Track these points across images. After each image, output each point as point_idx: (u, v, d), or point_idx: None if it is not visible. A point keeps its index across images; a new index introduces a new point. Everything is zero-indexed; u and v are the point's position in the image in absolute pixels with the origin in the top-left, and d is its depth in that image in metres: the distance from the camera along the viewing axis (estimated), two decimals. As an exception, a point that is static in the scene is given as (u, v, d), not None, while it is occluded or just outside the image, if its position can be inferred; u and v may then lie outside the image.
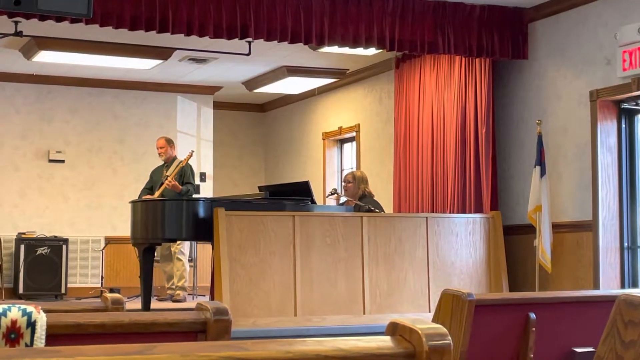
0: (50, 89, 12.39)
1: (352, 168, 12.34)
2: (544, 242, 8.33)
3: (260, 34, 8.08)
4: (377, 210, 8.69)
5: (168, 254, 10.25)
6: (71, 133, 12.48)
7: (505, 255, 8.74)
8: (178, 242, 9.91)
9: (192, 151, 10.75)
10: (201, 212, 8.12)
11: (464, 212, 9.31)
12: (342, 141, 13.09)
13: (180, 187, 9.71)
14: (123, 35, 9.31)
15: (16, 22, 8.61)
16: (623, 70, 7.89)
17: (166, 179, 9.73)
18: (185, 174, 9.93)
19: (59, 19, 7.39)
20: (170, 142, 10.47)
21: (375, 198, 9.13)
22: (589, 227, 8.24)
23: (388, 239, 8.34)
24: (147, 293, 8.57)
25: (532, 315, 3.21)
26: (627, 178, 8.30)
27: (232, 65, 11.62)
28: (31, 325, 2.13)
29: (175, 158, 10.27)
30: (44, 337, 2.14)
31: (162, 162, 10.37)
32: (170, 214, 8.22)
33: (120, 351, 1.44)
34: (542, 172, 8.41)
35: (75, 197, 12.40)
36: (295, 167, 13.79)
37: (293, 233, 7.99)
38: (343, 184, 9.44)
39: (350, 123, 12.45)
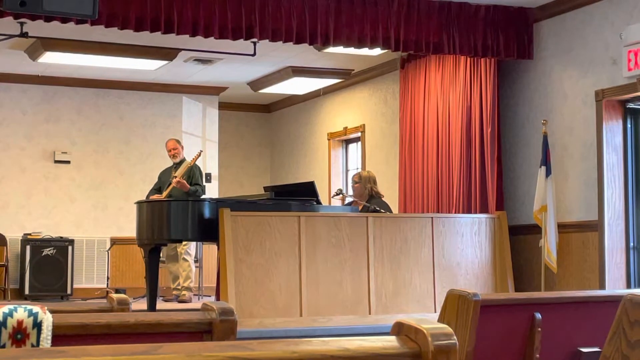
0: (55, 90, 12.41)
1: (357, 168, 12.34)
2: (549, 242, 8.32)
3: (266, 34, 8.09)
4: (383, 211, 8.68)
5: (174, 254, 10.26)
6: (77, 134, 12.50)
7: (510, 256, 8.74)
8: (184, 242, 9.92)
9: (201, 151, 10.77)
10: (207, 213, 8.13)
11: (469, 212, 9.31)
12: (348, 141, 13.09)
13: (189, 186, 9.72)
14: (128, 36, 9.33)
15: (22, 23, 8.62)
16: (628, 70, 7.88)
17: (174, 179, 9.73)
18: (194, 175, 9.94)
19: (64, 20, 7.40)
20: (180, 143, 10.50)
21: (383, 198, 9.13)
22: (595, 227, 8.22)
23: (393, 239, 8.34)
24: (152, 293, 8.58)
25: (538, 316, 3.20)
26: (633, 178, 8.29)
27: (238, 65, 11.63)
28: (37, 325, 2.13)
29: (184, 159, 10.28)
30: (50, 337, 2.15)
31: (172, 164, 10.37)
32: (175, 215, 8.23)
33: (126, 351, 1.44)
34: (548, 172, 8.40)
35: (81, 197, 12.42)
36: (301, 167, 13.80)
37: (298, 233, 7.99)
38: (351, 184, 9.44)
39: (355, 123, 12.45)
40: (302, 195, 8.72)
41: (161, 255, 9.54)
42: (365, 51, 9.84)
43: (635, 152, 8.30)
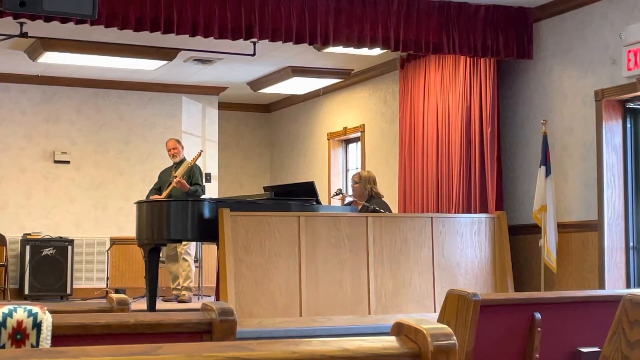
0: (55, 90, 12.41)
1: (357, 168, 12.34)
2: (549, 242, 8.32)
3: (265, 34, 8.09)
4: (382, 211, 8.68)
5: (174, 254, 10.26)
6: (77, 134, 12.50)
7: (510, 255, 8.74)
8: (184, 242, 9.91)
9: (201, 151, 10.76)
10: (206, 213, 8.13)
11: (469, 212, 9.31)
12: (347, 141, 13.09)
13: (189, 186, 9.72)
14: (128, 36, 9.33)
15: (21, 24, 8.62)
16: (628, 70, 7.88)
17: (174, 178, 9.73)
18: (194, 175, 9.94)
19: (64, 20, 7.40)
20: (180, 143, 10.50)
21: (383, 198, 9.13)
22: (595, 227, 8.22)
23: (393, 239, 8.34)
24: (152, 294, 8.58)
25: (538, 315, 3.20)
26: (633, 178, 8.29)
27: (237, 65, 11.63)
28: (37, 326, 2.13)
29: (184, 159, 10.28)
30: (49, 337, 2.15)
31: (172, 163, 10.36)
32: (175, 215, 8.23)
33: (125, 352, 1.44)
34: (548, 172, 8.40)
35: (80, 197, 12.42)
36: (301, 167, 13.80)
37: (298, 233, 7.99)
38: (351, 184, 9.44)
39: (355, 123, 12.45)
40: (302, 195, 8.72)
41: (161, 255, 9.53)
42: (364, 51, 9.84)
43: (635, 152, 8.30)
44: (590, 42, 8.42)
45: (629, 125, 8.30)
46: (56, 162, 12.35)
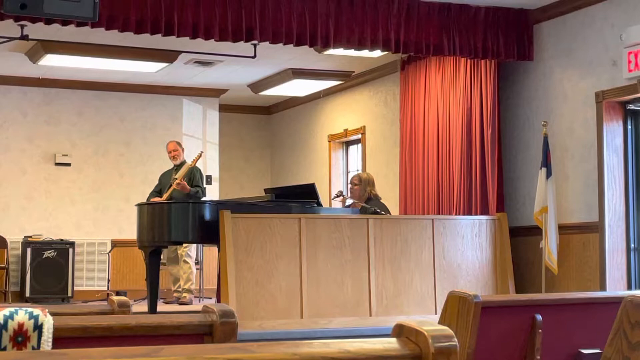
0: (56, 92, 12.41)
1: (357, 170, 12.33)
2: (550, 244, 8.32)
3: (266, 36, 8.09)
4: (383, 213, 8.69)
5: (175, 256, 10.26)
6: (77, 136, 12.50)
7: (511, 257, 8.74)
8: (185, 244, 9.91)
9: (201, 152, 10.75)
10: (207, 215, 8.13)
11: (469, 213, 9.31)
12: (348, 143, 13.09)
13: (189, 187, 9.72)
14: (129, 39, 9.33)
15: (22, 26, 8.62)
16: (629, 72, 7.88)
17: (175, 181, 9.73)
18: (194, 177, 9.94)
19: (64, 23, 7.40)
20: (180, 145, 10.50)
21: (382, 200, 9.13)
22: (595, 228, 8.22)
23: (394, 241, 8.34)
24: (153, 296, 8.57)
25: (539, 317, 3.20)
26: (633, 179, 8.29)
27: (238, 68, 11.63)
28: (38, 328, 2.13)
29: (184, 161, 10.27)
30: (50, 340, 2.15)
31: (172, 166, 10.36)
32: (176, 217, 8.22)
33: (126, 354, 1.44)
34: (548, 174, 8.40)
35: (81, 200, 12.42)
36: (301, 169, 13.80)
37: (299, 235, 7.99)
38: (349, 186, 9.44)
39: (356, 125, 12.45)
40: (303, 197, 8.72)
41: (162, 257, 9.53)
42: (365, 53, 9.84)
43: (636, 153, 8.30)
44: (591, 43, 8.42)
45: (629, 127, 8.30)
46: (57, 164, 12.35)
